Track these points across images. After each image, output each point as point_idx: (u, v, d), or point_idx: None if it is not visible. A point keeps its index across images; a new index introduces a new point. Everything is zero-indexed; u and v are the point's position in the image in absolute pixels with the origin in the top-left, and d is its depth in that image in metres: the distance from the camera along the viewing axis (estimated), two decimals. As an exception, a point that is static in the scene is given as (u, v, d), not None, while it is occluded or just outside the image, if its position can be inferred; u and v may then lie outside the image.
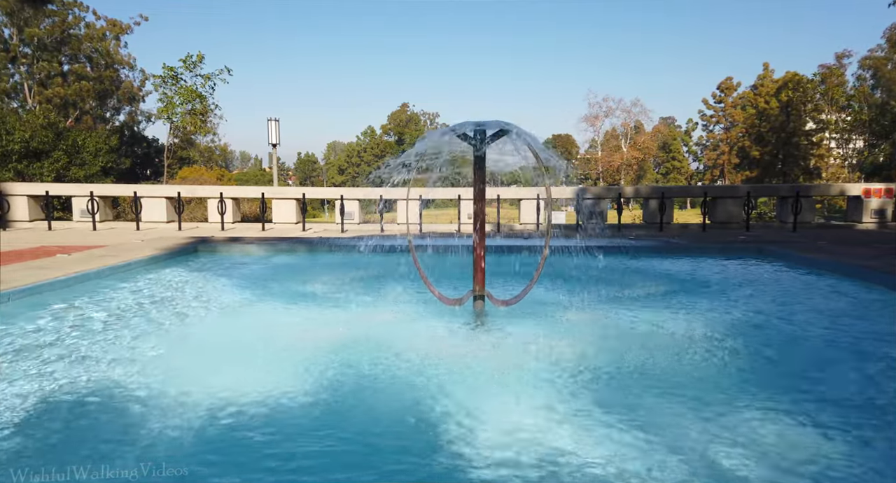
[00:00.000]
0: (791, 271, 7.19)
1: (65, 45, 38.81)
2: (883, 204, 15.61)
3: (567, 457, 2.51)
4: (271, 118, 19.23)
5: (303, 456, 2.55)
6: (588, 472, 2.39)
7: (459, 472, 2.40)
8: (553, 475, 2.37)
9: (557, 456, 2.51)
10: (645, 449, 2.57)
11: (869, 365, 3.82)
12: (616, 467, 2.42)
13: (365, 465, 2.51)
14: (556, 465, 2.44)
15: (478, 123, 4.81)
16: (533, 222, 15.85)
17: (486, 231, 5.11)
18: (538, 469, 2.40)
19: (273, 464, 2.48)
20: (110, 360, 3.77)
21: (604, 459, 2.48)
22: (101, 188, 16.81)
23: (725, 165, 57.29)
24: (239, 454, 2.57)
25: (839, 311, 5.28)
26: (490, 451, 2.55)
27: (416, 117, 79.01)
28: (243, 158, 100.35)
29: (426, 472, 2.44)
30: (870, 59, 41.11)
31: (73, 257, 7.38)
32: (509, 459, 2.48)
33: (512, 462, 2.46)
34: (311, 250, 9.06)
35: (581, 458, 2.50)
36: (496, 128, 4.77)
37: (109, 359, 3.81)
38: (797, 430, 2.79)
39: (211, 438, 2.70)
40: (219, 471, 2.42)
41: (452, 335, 4.52)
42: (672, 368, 3.68)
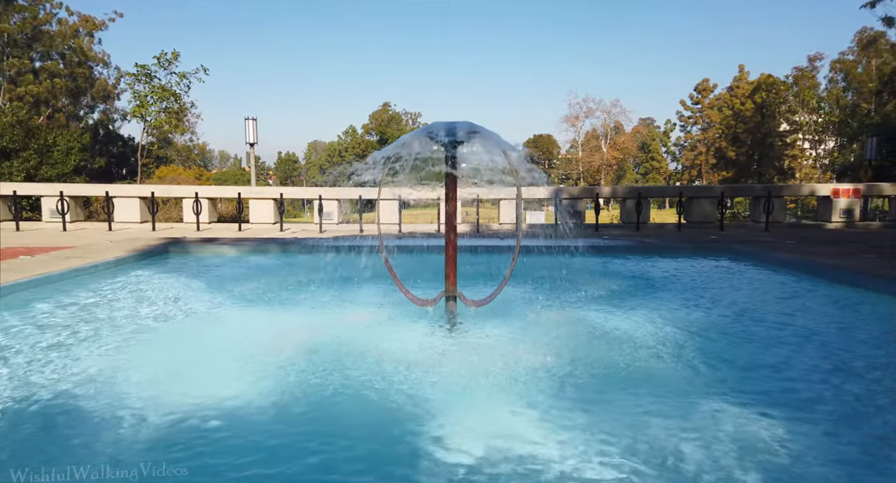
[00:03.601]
0: (756, 270, 7.37)
1: (36, 42, 37.85)
2: (851, 204, 16.01)
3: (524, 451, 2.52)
4: (248, 117, 18.99)
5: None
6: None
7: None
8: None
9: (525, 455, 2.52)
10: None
11: (809, 355, 3.95)
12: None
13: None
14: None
15: (448, 124, 4.81)
16: (511, 222, 15.92)
17: (457, 232, 5.11)
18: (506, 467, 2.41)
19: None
20: (46, 371, 3.61)
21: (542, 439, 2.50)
22: (72, 188, 16.44)
23: (703, 166, 58.25)
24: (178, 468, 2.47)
25: (796, 308, 5.43)
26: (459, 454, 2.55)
27: (398, 117, 78.80)
28: (222, 158, 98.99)
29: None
30: (840, 62, 42.13)
31: (37, 259, 7.19)
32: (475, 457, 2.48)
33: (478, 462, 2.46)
34: (285, 251, 8.96)
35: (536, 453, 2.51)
36: (466, 129, 4.78)
37: (47, 371, 3.63)
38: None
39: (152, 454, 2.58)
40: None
41: (426, 335, 4.51)
42: (613, 362, 3.77)
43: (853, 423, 2.96)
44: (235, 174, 62.30)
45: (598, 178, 61.13)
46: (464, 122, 4.80)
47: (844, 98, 41.22)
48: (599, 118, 60.25)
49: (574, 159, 65.10)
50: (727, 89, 52.86)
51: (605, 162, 59.54)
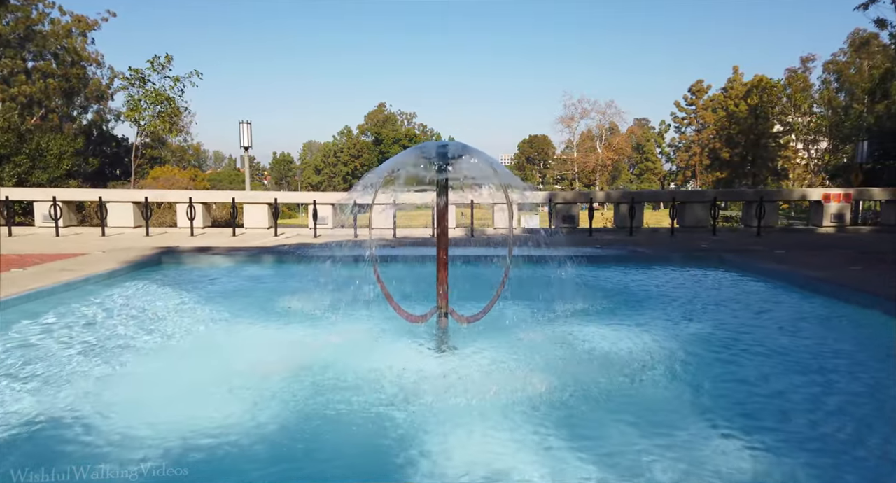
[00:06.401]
0: (747, 282, 7.48)
1: (29, 42, 37.59)
2: (841, 208, 16.15)
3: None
4: (243, 121, 18.96)
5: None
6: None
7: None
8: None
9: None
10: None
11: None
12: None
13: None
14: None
15: (440, 145, 4.90)
16: (505, 227, 15.99)
17: (449, 240, 5.16)
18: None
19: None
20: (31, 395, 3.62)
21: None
22: (65, 193, 16.38)
23: (697, 166, 58.49)
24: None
25: (784, 323, 5.52)
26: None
27: (394, 117, 78.74)
28: (217, 158, 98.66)
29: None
30: (833, 63, 42.39)
31: (29, 271, 7.19)
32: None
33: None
34: (279, 261, 8.99)
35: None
36: (458, 150, 4.85)
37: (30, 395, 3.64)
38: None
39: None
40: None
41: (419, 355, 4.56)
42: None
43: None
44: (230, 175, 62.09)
45: (593, 178, 61.33)
46: (456, 143, 4.90)
47: (837, 99, 41.49)
48: (594, 119, 60.48)
49: (569, 160, 65.25)
50: (721, 90, 53.11)
51: (600, 162, 59.73)
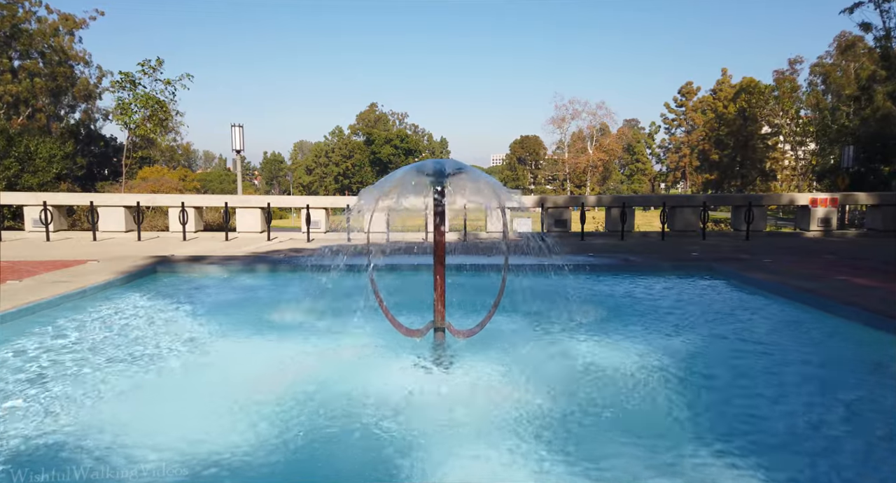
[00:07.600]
0: (736, 293, 7.65)
1: (15, 40, 37.11)
2: (828, 213, 16.44)
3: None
4: (234, 124, 18.89)
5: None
6: None
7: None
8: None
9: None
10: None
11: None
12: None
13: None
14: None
15: (436, 163, 4.98)
16: (499, 231, 16.08)
17: (445, 253, 5.23)
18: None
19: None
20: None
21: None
22: (56, 197, 16.26)
23: (687, 168, 59.01)
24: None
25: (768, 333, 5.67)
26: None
27: (385, 117, 78.64)
28: (207, 158, 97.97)
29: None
30: (819, 66, 42.97)
31: (24, 284, 7.18)
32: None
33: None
34: (274, 270, 9.03)
35: None
36: (453, 168, 4.94)
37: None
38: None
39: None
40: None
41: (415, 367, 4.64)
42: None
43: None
44: (220, 175, 61.65)
45: (584, 179, 61.68)
46: (451, 161, 4.99)
47: (824, 101, 42.07)
48: (585, 120, 60.81)
49: (560, 161, 65.53)
50: (710, 92, 53.63)
51: (590, 163, 60.05)
